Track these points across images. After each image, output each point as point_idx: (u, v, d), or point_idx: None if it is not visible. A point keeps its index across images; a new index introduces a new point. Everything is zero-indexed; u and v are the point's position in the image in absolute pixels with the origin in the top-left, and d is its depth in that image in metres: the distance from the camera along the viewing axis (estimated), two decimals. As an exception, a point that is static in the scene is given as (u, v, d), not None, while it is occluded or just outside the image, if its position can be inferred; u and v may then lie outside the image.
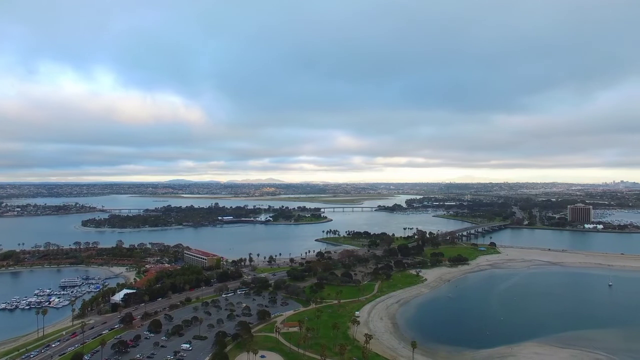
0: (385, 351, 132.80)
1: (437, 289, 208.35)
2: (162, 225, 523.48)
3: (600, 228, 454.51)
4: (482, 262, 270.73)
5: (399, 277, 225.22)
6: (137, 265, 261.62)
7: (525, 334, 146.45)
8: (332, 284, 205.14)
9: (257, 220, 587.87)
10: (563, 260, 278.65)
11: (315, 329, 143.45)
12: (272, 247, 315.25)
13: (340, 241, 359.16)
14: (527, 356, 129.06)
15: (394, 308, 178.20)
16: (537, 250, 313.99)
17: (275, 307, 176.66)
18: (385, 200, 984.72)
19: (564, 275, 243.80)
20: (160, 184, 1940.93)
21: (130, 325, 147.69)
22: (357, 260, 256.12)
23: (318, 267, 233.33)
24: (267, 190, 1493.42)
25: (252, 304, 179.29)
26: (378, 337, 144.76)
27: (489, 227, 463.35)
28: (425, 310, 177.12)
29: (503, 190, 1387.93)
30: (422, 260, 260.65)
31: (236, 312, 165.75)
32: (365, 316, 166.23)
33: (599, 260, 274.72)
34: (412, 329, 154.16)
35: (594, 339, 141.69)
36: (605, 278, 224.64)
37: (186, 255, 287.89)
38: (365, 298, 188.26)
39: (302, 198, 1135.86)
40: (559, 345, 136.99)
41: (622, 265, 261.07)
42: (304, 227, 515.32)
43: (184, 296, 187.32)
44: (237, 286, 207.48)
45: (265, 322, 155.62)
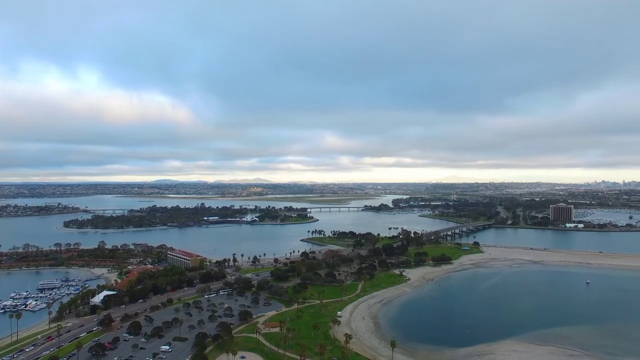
0: (366, 350, 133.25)
1: (420, 289, 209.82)
2: (147, 225, 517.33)
3: (581, 227, 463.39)
4: (466, 261, 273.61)
5: (383, 276, 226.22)
6: (120, 266, 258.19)
7: (505, 332, 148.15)
8: (316, 284, 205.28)
9: (243, 220, 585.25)
10: (544, 259, 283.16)
11: (297, 329, 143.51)
12: (257, 248, 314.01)
13: (325, 241, 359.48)
14: (505, 354, 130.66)
15: (376, 308, 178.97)
16: (519, 249, 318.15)
17: (258, 308, 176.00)
18: (372, 200, 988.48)
19: (544, 273, 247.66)
20: (146, 184, 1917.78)
21: (109, 327, 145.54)
22: (342, 260, 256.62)
23: (302, 267, 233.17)
24: (255, 191, 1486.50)
25: (234, 304, 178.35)
26: (359, 337, 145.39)
27: (474, 226, 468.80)
28: (407, 310, 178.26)
29: (489, 190, 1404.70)
30: (406, 260, 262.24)
31: (218, 313, 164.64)
32: (348, 316, 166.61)
33: (578, 259, 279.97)
34: (393, 329, 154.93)
35: (570, 336, 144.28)
36: (584, 276, 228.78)
37: (169, 256, 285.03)
38: (348, 298, 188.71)
39: (290, 198, 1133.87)
40: (536, 343, 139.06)
41: (600, 263, 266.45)
42: (290, 227, 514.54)
43: (165, 297, 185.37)
44: (220, 287, 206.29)
45: (247, 323, 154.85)
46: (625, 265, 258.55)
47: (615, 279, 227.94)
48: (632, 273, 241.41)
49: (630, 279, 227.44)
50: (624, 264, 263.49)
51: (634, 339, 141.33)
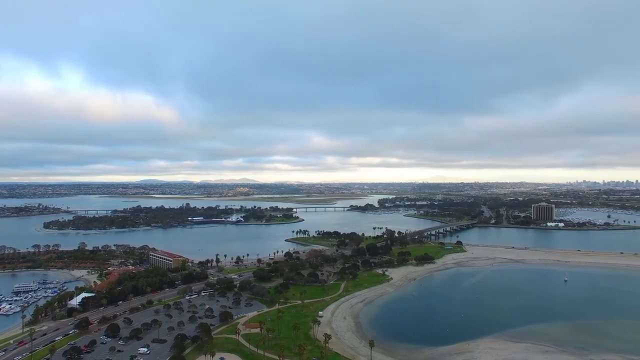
0: (346, 350, 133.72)
1: (402, 288, 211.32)
2: (130, 226, 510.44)
3: (561, 226, 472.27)
4: (448, 260, 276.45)
5: (366, 276, 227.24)
6: (100, 268, 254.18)
7: (483, 330, 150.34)
8: (298, 284, 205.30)
9: (228, 220, 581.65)
10: (524, 257, 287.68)
11: (277, 329, 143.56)
12: (242, 248, 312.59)
13: (309, 241, 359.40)
14: (482, 351, 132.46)
15: (358, 307, 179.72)
16: (501, 248, 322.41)
17: (239, 308, 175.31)
18: (358, 200, 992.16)
19: (524, 272, 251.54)
20: (131, 184, 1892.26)
21: (86, 330, 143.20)
22: (325, 260, 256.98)
23: (285, 268, 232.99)
24: (241, 190, 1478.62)
25: (215, 305, 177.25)
26: (340, 337, 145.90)
27: (457, 226, 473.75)
28: (389, 309, 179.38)
29: (474, 190, 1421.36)
30: (389, 260, 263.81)
31: (198, 314, 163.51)
32: (329, 316, 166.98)
33: (557, 257, 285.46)
34: (374, 328, 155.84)
35: (545, 333, 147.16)
36: (562, 274, 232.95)
37: (151, 256, 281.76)
38: (330, 298, 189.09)
39: (276, 198, 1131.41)
40: (513, 340, 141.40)
41: (578, 261, 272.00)
42: (275, 227, 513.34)
43: (146, 299, 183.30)
44: (201, 288, 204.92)
45: (228, 324, 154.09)
46: (601, 263, 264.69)
47: (592, 277, 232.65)
48: (607, 270, 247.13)
49: (605, 277, 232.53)
50: (600, 261, 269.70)
51: (604, 335, 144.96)
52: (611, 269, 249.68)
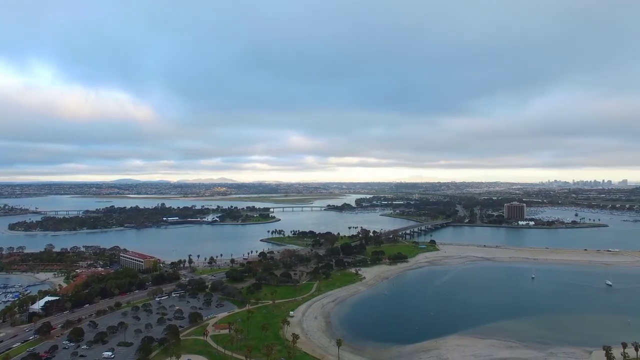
0: (315, 350, 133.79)
1: (374, 287, 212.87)
2: (102, 227, 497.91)
3: (532, 224, 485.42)
4: (421, 259, 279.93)
5: (339, 276, 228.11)
6: (67, 270, 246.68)
7: (452, 327, 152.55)
8: (271, 284, 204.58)
9: (203, 220, 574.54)
10: (495, 255, 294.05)
11: (247, 330, 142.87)
12: (216, 248, 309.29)
13: (285, 241, 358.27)
14: (449, 348, 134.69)
15: (329, 307, 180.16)
16: (473, 247, 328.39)
17: (210, 309, 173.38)
18: (336, 200, 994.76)
19: (494, 269, 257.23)
20: (105, 184, 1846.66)
21: (47, 335, 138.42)
22: (299, 259, 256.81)
23: (258, 268, 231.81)
24: (218, 190, 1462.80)
25: (185, 306, 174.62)
26: (310, 336, 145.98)
27: (432, 225, 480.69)
28: (360, 308, 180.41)
29: (450, 190, 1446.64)
30: (363, 259, 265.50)
31: (168, 316, 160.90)
32: (300, 316, 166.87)
33: (526, 255, 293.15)
34: (344, 327, 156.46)
35: (510, 329, 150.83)
36: (530, 271, 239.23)
37: (122, 258, 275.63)
38: (302, 298, 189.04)
39: (253, 198, 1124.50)
40: (479, 337, 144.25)
41: (545, 258, 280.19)
42: (251, 227, 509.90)
43: (114, 301, 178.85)
44: (172, 289, 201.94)
45: (197, 325, 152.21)
46: (566, 260, 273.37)
47: (557, 273, 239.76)
48: (571, 267, 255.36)
49: (569, 273, 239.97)
50: (565, 258, 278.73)
51: (565, 329, 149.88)
52: (575, 266, 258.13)
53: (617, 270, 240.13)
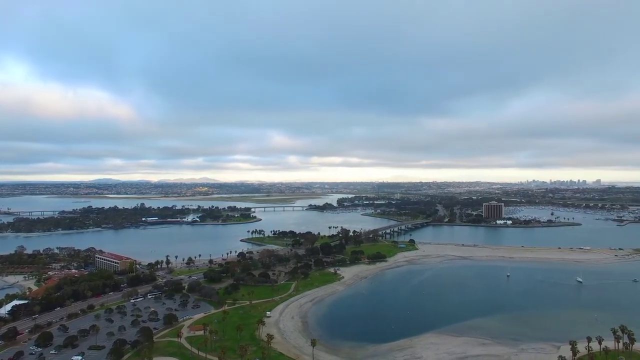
0: (291, 350, 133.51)
1: (352, 287, 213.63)
2: (79, 228, 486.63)
3: (509, 223, 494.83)
4: (400, 258, 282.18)
5: (317, 275, 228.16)
6: (39, 272, 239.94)
7: (427, 326, 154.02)
8: (249, 285, 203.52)
9: (183, 221, 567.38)
10: (473, 254, 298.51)
11: (222, 331, 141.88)
12: (196, 248, 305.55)
13: (265, 241, 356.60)
14: (424, 347, 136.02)
15: (307, 307, 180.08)
16: (451, 246, 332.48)
17: (186, 311, 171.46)
18: (318, 200, 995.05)
19: (471, 268, 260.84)
20: (84, 184, 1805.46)
21: (13, 341, 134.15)
22: (278, 259, 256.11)
23: (236, 268, 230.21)
24: (200, 190, 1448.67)
25: (161, 308, 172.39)
26: (286, 337, 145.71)
27: (412, 224, 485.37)
28: (337, 308, 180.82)
29: (431, 189, 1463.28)
30: (342, 259, 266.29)
31: (142, 318, 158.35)
32: (277, 316, 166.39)
33: (502, 253, 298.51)
34: (321, 327, 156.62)
35: (484, 326, 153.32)
36: (506, 269, 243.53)
37: (97, 259, 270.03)
38: (279, 298, 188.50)
39: (235, 198, 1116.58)
40: (454, 334, 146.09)
41: (521, 256, 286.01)
42: (231, 227, 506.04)
43: (87, 304, 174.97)
44: (148, 290, 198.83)
45: (172, 327, 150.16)
46: (541, 258, 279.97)
47: (531, 271, 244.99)
48: (545, 265, 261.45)
49: (542, 270, 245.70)
50: (540, 256, 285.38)
51: (536, 325, 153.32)
52: (548, 263, 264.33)
53: (588, 268, 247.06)
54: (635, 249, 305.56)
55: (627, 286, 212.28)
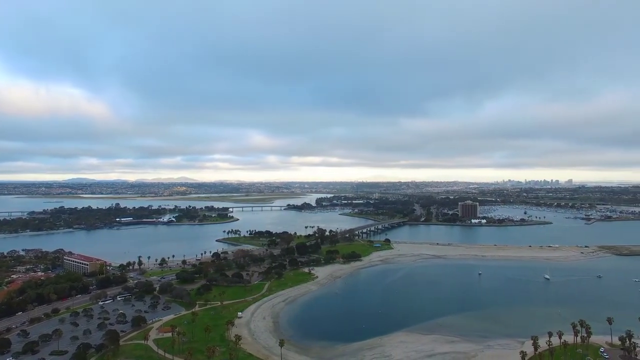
0: (260, 350, 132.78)
1: (326, 286, 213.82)
2: (49, 229, 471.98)
3: (484, 222, 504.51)
4: (375, 258, 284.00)
5: (291, 275, 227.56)
6: (1, 276, 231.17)
7: (398, 324, 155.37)
8: (222, 285, 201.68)
9: (159, 221, 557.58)
10: (446, 253, 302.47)
11: (192, 332, 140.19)
12: (170, 249, 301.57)
13: (241, 241, 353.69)
14: (393, 345, 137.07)
15: (279, 307, 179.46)
16: (426, 245, 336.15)
17: (156, 312, 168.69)
18: (296, 199, 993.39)
19: (444, 267, 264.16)
20: (57, 184, 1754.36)
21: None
22: (252, 259, 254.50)
23: (210, 268, 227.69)
24: (178, 190, 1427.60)
25: (130, 310, 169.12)
26: (257, 337, 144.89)
27: (389, 224, 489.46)
28: (309, 308, 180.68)
29: (410, 189, 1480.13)
30: (317, 258, 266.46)
31: (110, 321, 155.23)
32: (249, 316, 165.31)
33: (475, 252, 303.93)
34: (292, 327, 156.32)
35: (453, 324, 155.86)
36: (477, 268, 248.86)
37: (66, 261, 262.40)
38: (252, 298, 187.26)
39: (214, 197, 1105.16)
40: (423, 333, 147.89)
41: (493, 255, 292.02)
42: (208, 227, 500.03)
43: (51, 307, 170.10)
44: (118, 292, 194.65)
45: (140, 329, 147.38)
46: (512, 256, 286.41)
47: (502, 269, 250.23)
48: (515, 263, 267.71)
49: (513, 268, 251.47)
50: (511, 255, 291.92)
51: (503, 322, 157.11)
52: (519, 261, 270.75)
53: (555, 265, 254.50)
54: (600, 246, 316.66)
55: (591, 282, 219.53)
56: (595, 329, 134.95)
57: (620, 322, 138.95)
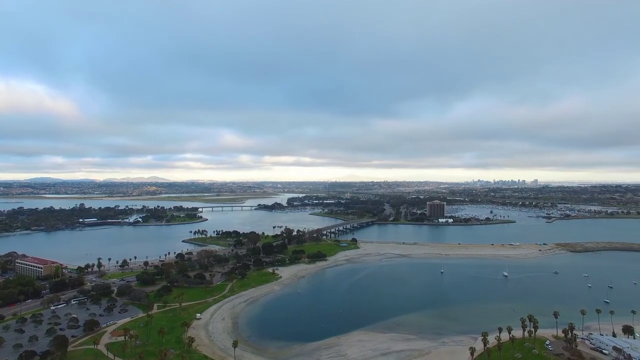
0: (216, 352, 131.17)
1: (289, 286, 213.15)
2: (3, 231, 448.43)
3: (451, 221, 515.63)
4: (341, 257, 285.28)
5: (255, 275, 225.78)
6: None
7: (357, 323, 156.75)
8: (184, 286, 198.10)
9: (124, 221, 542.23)
10: (411, 252, 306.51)
11: (147, 335, 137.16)
12: (135, 250, 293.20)
13: (207, 241, 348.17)
14: (350, 344, 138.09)
15: (240, 307, 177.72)
16: (392, 244, 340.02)
17: (111, 316, 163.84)
18: (268, 199, 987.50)
19: (408, 265, 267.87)
20: (17, 183, 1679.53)
21: None
22: (217, 260, 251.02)
23: (172, 269, 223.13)
24: (148, 190, 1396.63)
25: (84, 314, 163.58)
26: (214, 338, 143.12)
27: (358, 223, 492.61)
28: (271, 308, 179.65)
29: (382, 189, 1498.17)
30: (282, 258, 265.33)
31: (61, 326, 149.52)
32: (208, 317, 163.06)
33: (439, 251, 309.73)
34: (251, 328, 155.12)
35: (411, 322, 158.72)
36: (440, 266, 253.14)
37: (18, 264, 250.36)
38: (213, 299, 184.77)
39: (184, 197, 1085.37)
40: (381, 331, 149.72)
41: (456, 253, 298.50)
42: (176, 227, 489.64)
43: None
44: (73, 295, 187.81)
45: (93, 333, 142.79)
46: (474, 254, 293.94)
47: (463, 267, 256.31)
48: (477, 261, 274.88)
49: (474, 266, 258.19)
50: (473, 253, 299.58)
51: (458, 319, 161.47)
52: (480, 259, 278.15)
53: (514, 262, 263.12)
54: (557, 243, 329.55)
55: (546, 278, 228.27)
56: (544, 323, 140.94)
57: (567, 315, 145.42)
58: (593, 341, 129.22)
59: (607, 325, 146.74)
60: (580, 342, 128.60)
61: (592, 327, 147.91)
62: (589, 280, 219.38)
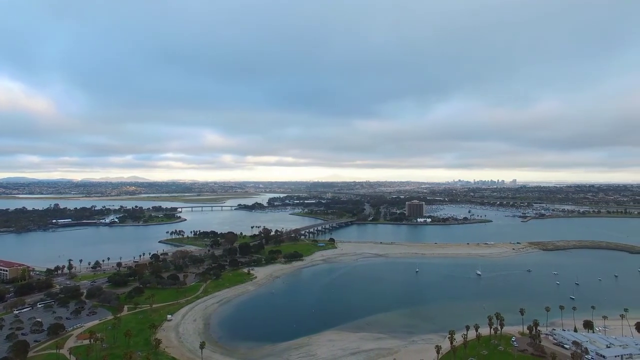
0: (185, 354, 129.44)
1: (264, 286, 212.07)
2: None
3: (429, 221, 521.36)
4: (317, 257, 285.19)
5: (230, 276, 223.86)
6: None
7: (329, 323, 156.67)
8: (157, 287, 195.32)
9: (100, 222, 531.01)
10: (388, 252, 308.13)
11: (114, 338, 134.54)
12: (109, 251, 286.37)
13: (184, 242, 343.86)
14: (321, 344, 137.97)
15: (212, 308, 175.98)
16: (370, 244, 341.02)
17: (79, 319, 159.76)
18: (249, 199, 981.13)
19: (384, 265, 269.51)
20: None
21: None
22: (192, 260, 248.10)
23: (145, 270, 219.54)
24: (127, 190, 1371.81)
25: (49, 317, 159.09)
26: (184, 340, 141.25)
27: (337, 223, 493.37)
28: (244, 308, 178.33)
29: (364, 189, 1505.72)
30: (259, 258, 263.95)
31: (23, 331, 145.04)
32: (179, 319, 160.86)
33: (416, 250, 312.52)
34: (223, 329, 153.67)
35: (383, 321, 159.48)
36: (415, 265, 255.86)
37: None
38: (185, 300, 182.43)
39: (164, 197, 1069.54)
40: (352, 331, 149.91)
41: (432, 253, 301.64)
42: (153, 228, 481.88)
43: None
44: (39, 299, 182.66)
45: (58, 337, 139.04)
46: (449, 254, 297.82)
47: (438, 266, 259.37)
48: (452, 260, 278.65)
49: (449, 265, 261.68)
50: (449, 252, 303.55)
51: (429, 318, 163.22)
52: (455, 259, 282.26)
53: (488, 261, 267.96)
54: (530, 242, 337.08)
55: (517, 276, 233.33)
56: (511, 320, 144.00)
57: (534, 312, 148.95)
58: (555, 336, 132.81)
59: (570, 321, 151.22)
60: (544, 338, 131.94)
61: (556, 323, 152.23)
62: (557, 278, 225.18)
